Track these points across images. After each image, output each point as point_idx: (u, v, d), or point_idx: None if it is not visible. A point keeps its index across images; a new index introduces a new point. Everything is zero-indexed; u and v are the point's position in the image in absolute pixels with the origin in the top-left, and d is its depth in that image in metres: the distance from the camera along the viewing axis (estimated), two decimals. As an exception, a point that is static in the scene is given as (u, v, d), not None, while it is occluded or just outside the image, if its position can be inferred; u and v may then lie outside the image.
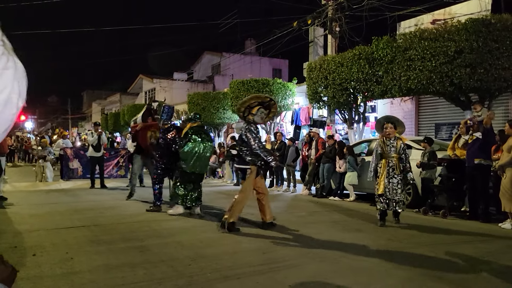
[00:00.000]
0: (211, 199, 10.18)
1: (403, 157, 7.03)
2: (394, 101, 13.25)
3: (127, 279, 3.92)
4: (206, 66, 35.68)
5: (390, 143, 7.12)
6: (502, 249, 5.51)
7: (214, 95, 20.54)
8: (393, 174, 7.00)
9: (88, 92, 56.84)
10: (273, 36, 18.63)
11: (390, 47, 10.75)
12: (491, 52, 8.93)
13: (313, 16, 16.18)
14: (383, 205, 7.02)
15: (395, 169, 6.98)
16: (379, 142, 7.27)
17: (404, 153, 7.07)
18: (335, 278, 4.02)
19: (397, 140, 7.12)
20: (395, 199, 6.94)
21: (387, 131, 7.13)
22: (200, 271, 4.19)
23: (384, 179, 7.02)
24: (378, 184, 7.10)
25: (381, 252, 5.16)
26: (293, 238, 5.89)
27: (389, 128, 7.13)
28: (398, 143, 7.07)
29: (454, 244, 5.72)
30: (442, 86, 9.55)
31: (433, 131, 12.91)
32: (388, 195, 6.96)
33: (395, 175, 6.99)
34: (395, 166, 6.99)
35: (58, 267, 4.30)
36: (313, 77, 13.31)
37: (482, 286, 3.90)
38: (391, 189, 6.96)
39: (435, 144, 9.20)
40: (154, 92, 34.16)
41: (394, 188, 6.95)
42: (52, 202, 9.29)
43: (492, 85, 9.09)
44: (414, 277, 4.12)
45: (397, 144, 7.06)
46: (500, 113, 11.21)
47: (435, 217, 7.97)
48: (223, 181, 15.60)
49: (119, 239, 5.70)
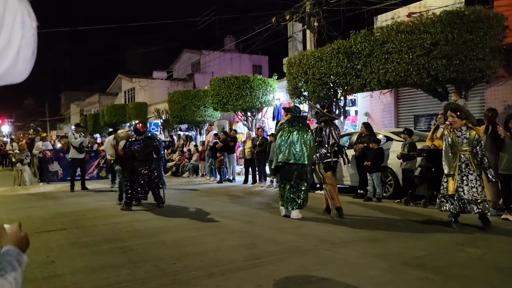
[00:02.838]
0: (193, 197, 10.16)
1: (478, 150, 5.99)
2: (373, 94, 13.38)
3: (111, 280, 3.89)
4: (186, 64, 35.44)
5: (461, 134, 6.10)
6: (480, 235, 5.64)
7: (195, 93, 20.44)
8: (467, 171, 5.96)
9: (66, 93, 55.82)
10: (252, 32, 18.59)
11: (368, 40, 10.85)
12: (466, 44, 9.09)
13: (291, 11, 16.20)
14: (454, 206, 5.97)
15: (470, 164, 5.96)
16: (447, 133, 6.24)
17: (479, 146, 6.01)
18: (319, 271, 4.06)
19: (470, 130, 6.07)
20: (477, 199, 5.85)
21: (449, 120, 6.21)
22: (184, 269, 4.18)
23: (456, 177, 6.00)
24: (449, 182, 6.07)
25: (363, 243, 5.23)
26: (276, 233, 5.91)
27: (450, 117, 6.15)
28: (472, 134, 6.03)
29: (434, 232, 5.83)
30: (420, 78, 9.68)
31: (412, 123, 13.09)
32: (463, 196, 5.91)
33: (469, 172, 5.96)
34: (469, 161, 5.97)
35: (39, 271, 4.24)
36: (293, 72, 13.35)
37: (460, 271, 3.99)
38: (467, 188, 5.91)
39: (414, 135, 9.34)
40: (134, 92, 33.78)
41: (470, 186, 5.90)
42: (32, 206, 9.13)
43: (468, 76, 9.26)
44: (395, 266, 4.19)
45: (471, 135, 6.02)
46: (476, 103, 11.43)
47: (416, 206, 8.10)
48: (206, 179, 15.56)
49: (101, 240, 5.64)
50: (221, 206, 8.71)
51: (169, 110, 21.74)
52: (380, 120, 14.13)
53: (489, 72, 9.44)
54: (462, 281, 3.72)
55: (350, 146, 10.59)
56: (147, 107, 28.15)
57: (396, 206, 8.28)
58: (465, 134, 6.06)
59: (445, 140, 6.21)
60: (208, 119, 20.22)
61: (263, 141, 12.52)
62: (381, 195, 9.01)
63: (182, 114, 20.17)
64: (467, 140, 6.01)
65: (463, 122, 6.09)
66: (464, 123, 6.08)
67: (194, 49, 34.83)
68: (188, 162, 17.84)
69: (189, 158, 18.07)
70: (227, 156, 14.10)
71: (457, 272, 3.98)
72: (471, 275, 3.90)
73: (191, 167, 17.43)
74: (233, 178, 14.19)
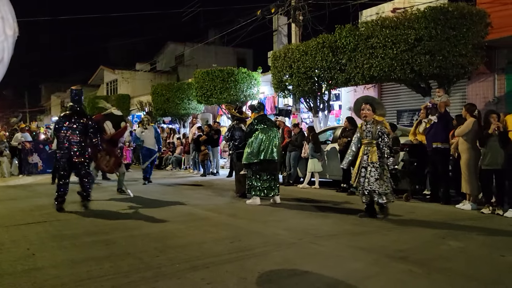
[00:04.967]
0: (177, 190, 10.09)
1: (380, 142, 6.15)
2: (357, 88, 13.45)
3: (93, 273, 3.83)
4: (170, 56, 35.04)
5: (366, 127, 6.34)
6: (461, 229, 5.73)
7: (179, 86, 20.25)
8: (368, 163, 6.19)
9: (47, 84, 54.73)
10: (237, 25, 18.51)
11: (352, 35, 10.88)
12: (449, 40, 9.19)
13: (276, 4, 16.16)
14: (366, 197, 6.28)
15: (370, 157, 6.17)
16: (358, 127, 6.63)
17: (382, 137, 6.16)
18: (303, 264, 4.07)
19: (374, 123, 6.28)
20: (377, 190, 6.10)
21: (363, 113, 6.36)
22: (168, 262, 4.15)
23: (358, 169, 6.28)
24: (352, 174, 6.53)
25: (347, 236, 5.27)
26: (260, 227, 5.91)
27: (366, 109, 6.35)
28: (375, 127, 6.24)
29: (417, 226, 5.90)
30: (403, 73, 9.77)
31: (395, 118, 13.23)
32: (366, 186, 6.17)
33: (371, 164, 6.16)
34: (371, 154, 6.17)
35: (19, 264, 4.14)
36: (278, 66, 13.33)
37: (443, 264, 4.05)
38: (369, 180, 6.14)
39: (397, 130, 9.43)
40: (116, 84, 33.30)
41: (373, 178, 6.12)
42: (11, 198, 8.95)
43: (450, 72, 9.38)
44: (379, 259, 4.22)
45: (374, 128, 6.23)
46: (458, 98, 11.60)
47: (398, 200, 8.18)
48: (190, 172, 15.48)
49: (83, 233, 5.55)
50: (205, 199, 8.67)
51: (152, 103, 21.51)
52: (363, 114, 14.21)
53: (471, 68, 9.59)
54: (445, 274, 3.78)
55: (334, 140, 10.67)
56: (129, 99, 27.81)
57: (379, 200, 8.35)
58: (370, 127, 6.25)
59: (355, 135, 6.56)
60: (192, 112, 20.08)
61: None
62: (364, 189, 9.08)
63: (165, 106, 19.99)
64: (371, 134, 6.22)
65: (374, 115, 6.32)
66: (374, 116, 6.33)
67: (178, 41, 34.48)
68: (171, 155, 17.72)
69: (172, 151, 17.95)
70: (211, 149, 14.04)
71: (440, 265, 4.03)
72: (453, 267, 3.96)
73: (174, 160, 17.32)
74: (217, 172, 14.15)
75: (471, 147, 7.22)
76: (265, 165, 7.82)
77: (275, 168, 8.12)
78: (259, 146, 7.78)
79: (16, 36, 1.12)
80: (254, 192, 7.83)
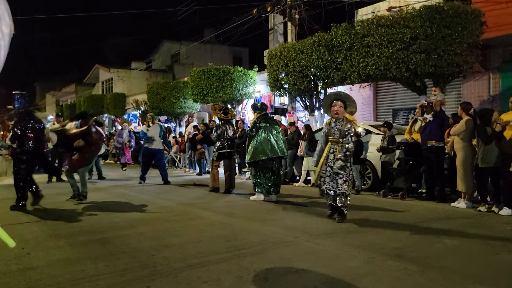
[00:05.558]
0: (172, 189, 10.07)
1: (343, 142, 5.86)
2: (353, 87, 13.48)
3: (88, 272, 3.82)
4: (165, 55, 34.96)
5: (336, 124, 6.01)
6: (456, 227, 5.76)
7: (174, 84, 20.21)
8: (333, 161, 5.92)
9: (41, 83, 54.46)
10: (233, 23, 18.48)
11: (348, 34, 10.90)
12: (444, 39, 9.22)
13: (272, 3, 16.15)
14: (330, 197, 6.05)
15: (336, 155, 5.89)
16: (326, 122, 6.28)
17: (347, 137, 5.85)
18: (299, 262, 4.07)
19: (345, 121, 5.97)
20: (335, 190, 5.92)
21: (334, 110, 5.99)
22: (164, 261, 4.14)
23: (321, 167, 6.01)
24: (315, 172, 6.22)
25: (343, 235, 5.27)
26: (256, 225, 5.91)
27: (338, 106, 5.99)
28: (344, 125, 5.92)
29: (412, 224, 5.92)
30: (399, 72, 9.79)
31: (391, 116, 13.26)
32: (327, 186, 6.00)
33: (335, 163, 5.89)
34: (337, 152, 5.89)
35: (14, 263, 4.13)
36: (274, 64, 13.32)
37: (438, 262, 4.06)
38: (331, 179, 5.95)
39: (393, 128, 9.45)
40: (112, 82, 33.20)
41: (333, 177, 5.92)
42: (5, 197, 8.88)
43: (446, 70, 9.40)
44: (375, 257, 4.23)
45: (343, 126, 5.92)
46: (453, 97, 11.64)
47: (394, 199, 8.22)
48: (185, 171, 15.45)
49: (78, 232, 5.53)
50: (201, 198, 8.66)
51: (148, 101, 21.45)
52: (359, 113, 14.23)
53: (466, 67, 9.62)
54: (440, 271, 3.79)
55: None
56: (125, 98, 27.73)
57: (375, 198, 8.39)
58: (340, 125, 5.94)
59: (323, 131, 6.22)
60: (187, 110, 20.05)
61: (243, 133, 12.47)
62: (360, 188, 9.11)
63: (161, 105, 19.95)
64: (339, 132, 5.91)
65: (345, 113, 6.06)
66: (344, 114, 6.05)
67: (174, 40, 34.42)
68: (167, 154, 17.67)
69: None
70: (207, 148, 14.01)
71: (435, 263, 4.04)
72: (448, 265, 3.97)
73: (170, 159, 17.28)
74: (213, 170, 14.10)
75: (467, 145, 7.24)
76: (268, 163, 8.02)
77: (279, 166, 8.39)
78: (262, 144, 7.94)
79: (12, 34, 1.11)
80: (260, 190, 8.09)
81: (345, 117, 6.05)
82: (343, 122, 5.93)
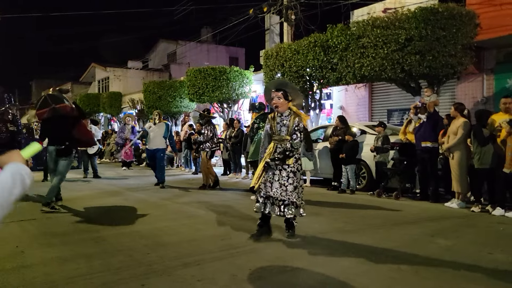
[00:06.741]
0: (168, 188, 10.07)
1: (291, 140, 4.80)
2: (348, 88, 13.53)
3: (83, 270, 3.83)
4: (162, 54, 34.93)
5: (281, 119, 4.96)
6: (449, 227, 5.80)
7: (171, 84, 20.21)
8: (281, 166, 4.83)
9: (37, 81, 54.19)
10: (230, 23, 18.51)
11: (344, 34, 10.93)
12: (439, 40, 9.27)
13: (268, 3, 16.19)
14: (259, 205, 4.92)
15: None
16: (269, 117, 5.13)
17: (295, 135, 4.81)
18: (293, 261, 4.10)
19: (293, 116, 4.92)
20: (282, 199, 4.80)
21: (273, 103, 4.96)
22: (159, 260, 4.15)
23: (262, 170, 4.88)
24: (254, 175, 5.11)
25: (338, 234, 5.30)
26: (251, 224, 5.91)
27: (276, 98, 4.90)
28: (292, 120, 4.88)
29: (406, 224, 5.96)
30: (394, 73, 9.83)
31: (386, 117, 13.31)
32: (269, 193, 4.84)
33: (286, 167, 4.84)
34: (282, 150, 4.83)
35: (8, 262, 4.12)
36: (270, 64, 13.35)
37: (431, 262, 4.10)
38: (276, 185, 4.82)
39: (387, 129, 9.51)
40: (108, 81, 33.12)
41: (280, 183, 4.81)
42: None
43: (440, 72, 9.46)
44: (368, 256, 4.26)
45: (291, 121, 4.88)
46: (447, 98, 11.70)
47: (388, 199, 8.26)
48: (181, 170, 15.45)
49: (73, 230, 5.53)
50: (196, 197, 8.66)
51: (144, 100, 21.42)
52: (354, 113, 14.31)
53: (460, 68, 9.68)
54: (433, 271, 3.82)
55: (325, 138, 10.71)
56: (121, 97, 27.66)
57: (369, 198, 8.43)
58: (286, 119, 4.90)
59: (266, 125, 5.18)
60: (184, 110, 20.04)
61: (239, 132, 12.49)
62: (354, 187, 9.15)
63: (157, 104, 19.91)
64: (286, 128, 4.87)
65: (289, 105, 4.97)
66: (289, 107, 4.98)
67: (171, 39, 34.37)
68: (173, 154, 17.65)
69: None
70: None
71: (428, 262, 4.08)
72: (441, 265, 4.00)
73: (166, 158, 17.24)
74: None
75: (463, 146, 7.29)
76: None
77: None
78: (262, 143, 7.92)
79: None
80: None
81: (293, 110, 4.98)
82: (291, 117, 4.89)
